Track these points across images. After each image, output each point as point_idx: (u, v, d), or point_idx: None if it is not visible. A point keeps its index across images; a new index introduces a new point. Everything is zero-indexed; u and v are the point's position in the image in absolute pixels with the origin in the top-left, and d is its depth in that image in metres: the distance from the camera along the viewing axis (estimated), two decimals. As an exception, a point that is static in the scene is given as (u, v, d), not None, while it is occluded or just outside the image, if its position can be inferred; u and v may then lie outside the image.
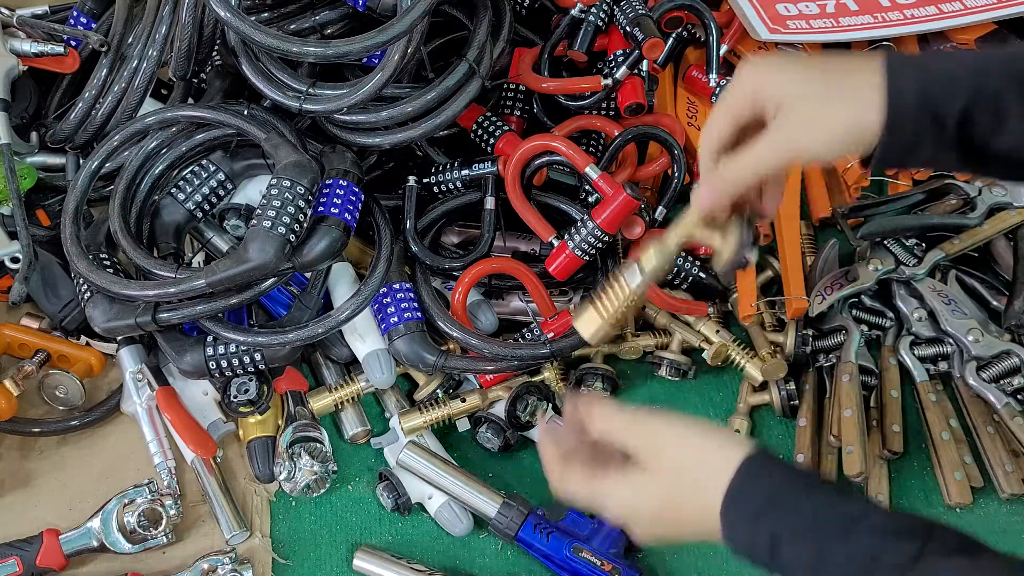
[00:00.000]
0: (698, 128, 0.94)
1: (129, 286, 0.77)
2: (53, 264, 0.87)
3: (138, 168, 0.84)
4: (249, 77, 0.82)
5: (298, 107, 0.81)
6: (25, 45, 0.88)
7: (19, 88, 0.90)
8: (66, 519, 0.80)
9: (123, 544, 0.78)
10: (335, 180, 0.79)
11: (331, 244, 0.77)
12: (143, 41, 0.86)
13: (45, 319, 0.88)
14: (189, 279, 0.75)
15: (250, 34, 0.77)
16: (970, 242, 0.90)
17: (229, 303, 0.77)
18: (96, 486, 0.82)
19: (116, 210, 0.81)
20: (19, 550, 0.77)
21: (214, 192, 0.85)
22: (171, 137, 0.84)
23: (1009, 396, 0.83)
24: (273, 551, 0.80)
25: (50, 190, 0.92)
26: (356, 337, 0.83)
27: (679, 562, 0.80)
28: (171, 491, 0.80)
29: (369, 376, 0.82)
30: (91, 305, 0.80)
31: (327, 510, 0.82)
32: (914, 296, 0.89)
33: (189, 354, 0.80)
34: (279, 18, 0.86)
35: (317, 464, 0.80)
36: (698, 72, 0.95)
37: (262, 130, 0.81)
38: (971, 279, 0.90)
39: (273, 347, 0.79)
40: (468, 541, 0.80)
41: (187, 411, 0.83)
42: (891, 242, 0.90)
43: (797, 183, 0.93)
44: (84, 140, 0.88)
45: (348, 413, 0.85)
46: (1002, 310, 0.88)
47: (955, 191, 0.93)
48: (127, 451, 0.84)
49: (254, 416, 0.83)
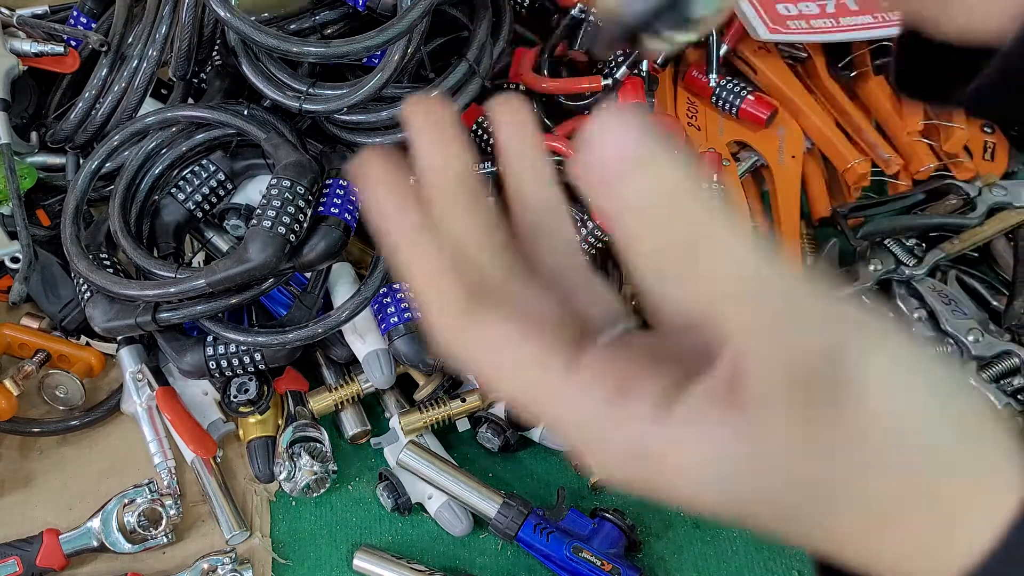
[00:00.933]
0: (698, 128, 0.94)
1: (129, 286, 0.77)
2: (53, 264, 0.87)
3: (138, 168, 0.83)
4: (249, 77, 0.82)
5: (298, 107, 0.81)
6: (25, 45, 0.88)
7: (19, 88, 0.90)
8: (66, 519, 0.80)
9: (123, 544, 0.78)
10: (335, 180, 0.79)
11: (331, 244, 0.77)
12: (143, 41, 0.85)
13: (45, 319, 0.88)
14: (189, 279, 0.75)
15: (250, 34, 0.77)
16: (970, 242, 0.90)
17: (229, 303, 0.77)
18: (96, 486, 0.82)
19: (116, 210, 0.81)
20: (19, 550, 0.77)
21: (214, 192, 0.85)
22: (171, 137, 0.84)
23: (1009, 396, 0.83)
24: (273, 551, 0.80)
25: (50, 190, 0.92)
26: (356, 337, 0.83)
27: (679, 562, 0.80)
28: (171, 491, 0.80)
29: (369, 376, 0.82)
30: (91, 305, 0.80)
31: (327, 510, 0.82)
32: (914, 296, 0.89)
33: (189, 354, 0.80)
34: (279, 18, 0.86)
35: (317, 464, 0.79)
36: (698, 72, 0.95)
37: (262, 130, 0.81)
38: (971, 279, 0.90)
39: (273, 347, 0.79)
40: (468, 541, 0.80)
41: (187, 411, 0.83)
42: (891, 242, 0.90)
43: (797, 182, 0.93)
44: (84, 140, 0.88)
45: (348, 413, 0.85)
46: (1002, 310, 0.88)
47: (955, 191, 0.93)
48: (127, 451, 0.84)
49: (254, 416, 0.83)
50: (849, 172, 0.93)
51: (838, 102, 0.95)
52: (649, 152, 0.25)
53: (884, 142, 0.94)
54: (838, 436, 0.25)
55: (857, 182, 0.93)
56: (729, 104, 0.93)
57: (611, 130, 0.25)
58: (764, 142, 0.94)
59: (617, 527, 0.77)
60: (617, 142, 0.25)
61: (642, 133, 0.25)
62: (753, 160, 0.94)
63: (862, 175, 0.92)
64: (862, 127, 0.94)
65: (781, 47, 0.97)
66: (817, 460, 0.25)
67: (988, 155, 0.96)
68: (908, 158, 0.94)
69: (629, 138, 0.25)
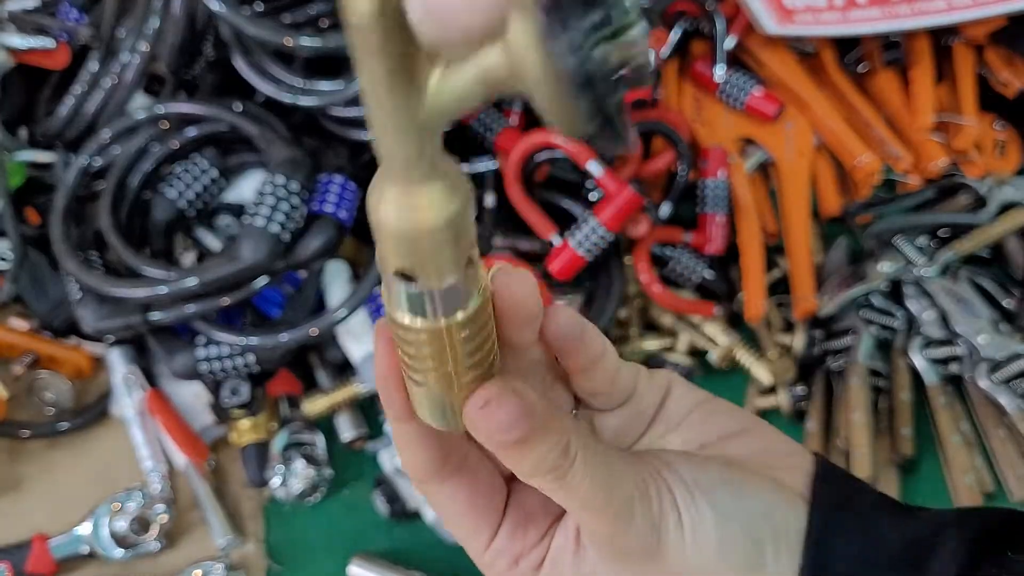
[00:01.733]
0: (703, 123, 0.92)
1: (119, 286, 0.76)
2: (43, 263, 0.86)
3: (128, 164, 0.82)
4: (242, 71, 0.81)
5: (293, 102, 0.80)
6: (15, 39, 0.87)
7: (8, 83, 0.89)
8: (56, 524, 0.79)
9: (114, 550, 0.77)
10: (330, 176, 0.78)
11: (326, 242, 0.75)
12: (134, 35, 0.84)
13: (35, 319, 0.87)
14: (181, 279, 0.74)
15: (243, 27, 0.75)
16: (981, 241, 0.88)
17: (221, 303, 0.76)
18: (86, 490, 0.80)
19: (106, 208, 0.80)
20: (9, 555, 0.76)
21: (206, 189, 0.84)
22: (162, 133, 0.83)
23: (1020, 398, 0.81)
24: (267, 557, 0.78)
25: (39, 187, 0.91)
26: (351, 338, 0.81)
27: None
28: (163, 496, 0.79)
29: (365, 378, 0.81)
30: (81, 305, 0.78)
31: (322, 516, 0.81)
32: (924, 296, 0.87)
33: (180, 356, 0.78)
34: (273, 11, 0.84)
35: (312, 469, 0.78)
36: (704, 66, 0.93)
37: (255, 126, 0.79)
38: (982, 279, 0.88)
39: (266, 348, 0.78)
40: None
41: (178, 414, 0.82)
42: (901, 241, 0.88)
43: (806, 179, 0.91)
44: (73, 136, 0.86)
45: (343, 416, 0.83)
46: (1014, 311, 0.86)
47: (966, 189, 0.91)
48: (118, 455, 0.83)
49: (247, 419, 0.81)
50: (858, 169, 0.91)
51: (847, 97, 0.93)
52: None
53: (894, 138, 0.92)
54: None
55: (866, 179, 0.91)
56: (735, 98, 0.91)
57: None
58: (772, 138, 0.92)
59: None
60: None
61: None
62: (759, 156, 0.92)
63: (871, 172, 0.91)
64: (872, 123, 0.92)
65: (789, 41, 0.95)
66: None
67: (999, 151, 0.94)
68: (919, 155, 0.92)
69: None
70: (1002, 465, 0.80)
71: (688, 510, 0.33)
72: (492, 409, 0.30)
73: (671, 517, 0.33)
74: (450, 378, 0.30)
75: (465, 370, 0.30)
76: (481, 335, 0.30)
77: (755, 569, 0.34)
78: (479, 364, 0.31)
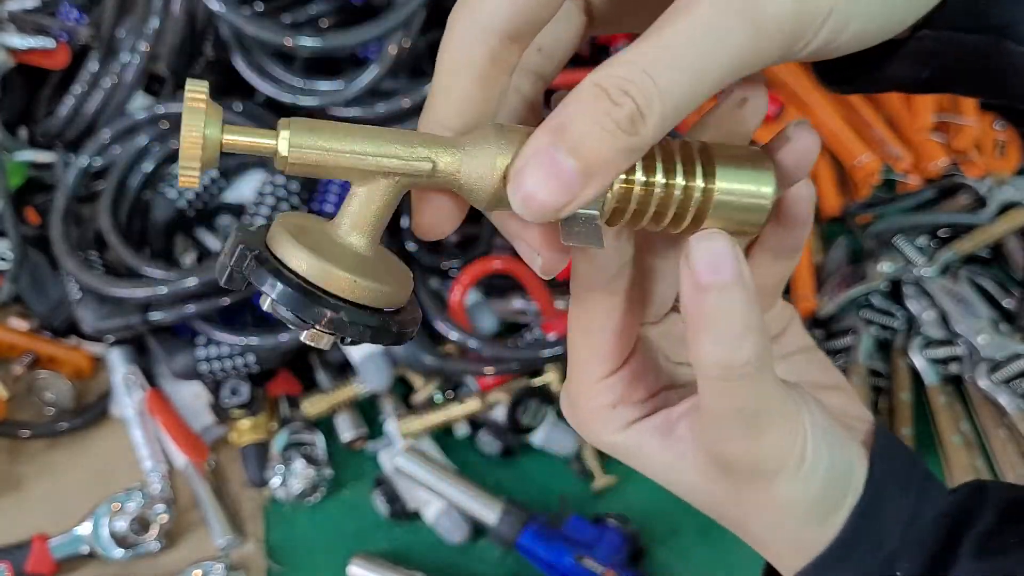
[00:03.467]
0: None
1: (119, 286, 0.76)
2: (43, 263, 0.86)
3: (128, 165, 0.82)
4: (242, 71, 0.81)
5: (293, 102, 0.79)
6: (15, 39, 0.87)
7: (8, 84, 0.89)
8: (57, 524, 0.78)
9: (114, 550, 0.77)
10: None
11: (326, 243, 0.75)
12: (134, 35, 0.84)
13: (35, 319, 0.86)
14: (181, 279, 0.74)
15: (243, 27, 0.75)
16: (981, 240, 0.88)
17: (221, 303, 0.76)
18: (86, 490, 0.80)
19: (106, 208, 0.80)
20: (9, 555, 0.76)
21: (206, 189, 0.84)
22: (162, 133, 0.83)
23: (1020, 398, 0.82)
24: (267, 557, 0.78)
25: (39, 187, 0.91)
26: (351, 339, 0.81)
27: (684, 569, 0.78)
28: (163, 496, 0.79)
29: (365, 378, 0.81)
30: (81, 305, 0.78)
31: (322, 516, 0.80)
32: (924, 296, 0.87)
33: (180, 356, 0.78)
34: (273, 11, 0.84)
35: (312, 469, 0.78)
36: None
37: (256, 126, 0.79)
38: (982, 279, 0.89)
39: (266, 348, 0.78)
40: (467, 548, 0.79)
41: (178, 414, 0.82)
42: (902, 241, 0.88)
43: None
44: (73, 136, 0.86)
45: (344, 417, 0.83)
46: (1014, 311, 0.86)
47: (966, 189, 0.91)
48: (118, 455, 0.82)
49: (247, 419, 0.81)
50: (858, 169, 0.91)
51: (846, 98, 0.93)
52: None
53: (895, 138, 0.92)
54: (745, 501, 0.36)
55: (866, 179, 0.91)
56: (735, 99, 0.91)
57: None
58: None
59: (620, 534, 0.75)
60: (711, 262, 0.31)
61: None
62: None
63: (871, 172, 0.91)
64: (872, 123, 0.92)
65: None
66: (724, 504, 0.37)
67: (999, 151, 0.94)
68: (919, 155, 0.92)
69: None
70: (1002, 465, 0.80)
71: (816, 449, 0.34)
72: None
73: (798, 450, 0.34)
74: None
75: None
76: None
77: (828, 519, 0.35)
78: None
